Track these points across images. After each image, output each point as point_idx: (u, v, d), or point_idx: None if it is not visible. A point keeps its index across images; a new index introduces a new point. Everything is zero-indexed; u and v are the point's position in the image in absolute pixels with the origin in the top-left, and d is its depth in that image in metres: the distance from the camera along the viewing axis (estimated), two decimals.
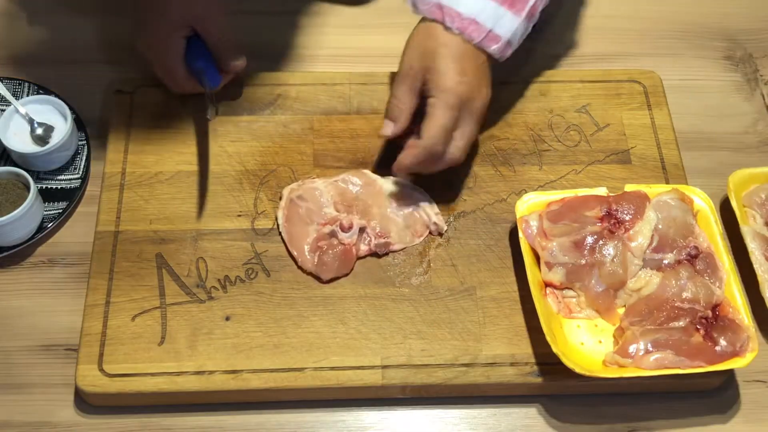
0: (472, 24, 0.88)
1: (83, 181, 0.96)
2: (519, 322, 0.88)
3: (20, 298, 0.90)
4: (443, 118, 0.87)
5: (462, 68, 0.88)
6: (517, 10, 0.89)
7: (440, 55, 0.88)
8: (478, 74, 0.89)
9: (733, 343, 0.83)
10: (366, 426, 0.85)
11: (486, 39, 0.89)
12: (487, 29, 0.88)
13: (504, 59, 0.92)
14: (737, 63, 1.12)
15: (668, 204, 0.91)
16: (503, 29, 0.89)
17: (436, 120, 0.87)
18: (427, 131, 0.87)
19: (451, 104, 0.87)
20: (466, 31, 0.88)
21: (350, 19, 1.14)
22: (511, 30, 0.90)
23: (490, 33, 0.89)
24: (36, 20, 1.11)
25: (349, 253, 0.90)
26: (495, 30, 0.89)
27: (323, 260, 0.89)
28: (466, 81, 0.88)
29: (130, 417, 0.84)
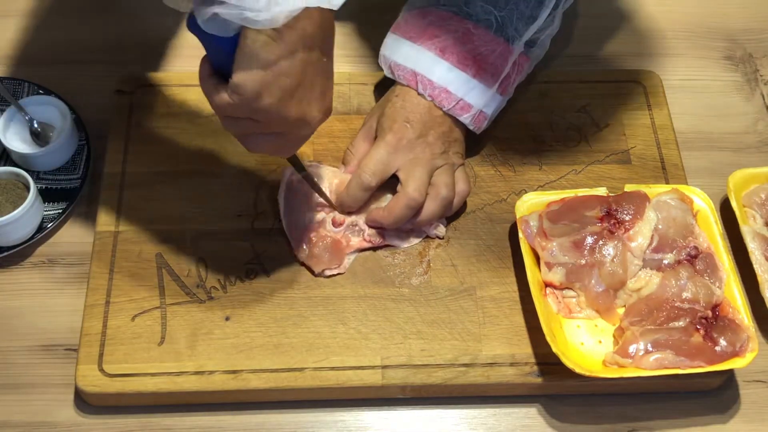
0: (443, 92, 0.91)
1: (83, 181, 0.96)
2: (519, 322, 0.88)
3: (20, 298, 0.90)
4: (375, 153, 0.90)
5: (407, 115, 0.91)
6: (487, 83, 0.91)
7: (391, 103, 0.92)
8: (429, 125, 0.91)
9: (733, 343, 0.83)
10: (366, 426, 0.85)
11: (456, 107, 0.91)
12: (458, 98, 0.91)
13: (480, 130, 0.94)
14: (737, 63, 1.12)
15: (668, 204, 0.91)
16: (474, 99, 0.91)
17: (369, 154, 0.91)
18: (360, 164, 0.91)
19: (387, 141, 0.90)
20: (437, 99, 0.91)
21: (350, 19, 1.14)
22: (481, 100, 0.92)
23: (460, 101, 0.91)
24: (36, 20, 1.11)
25: (338, 244, 0.90)
26: (466, 99, 0.91)
27: (313, 252, 0.89)
28: (408, 126, 0.90)
29: (130, 417, 0.84)
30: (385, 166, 0.90)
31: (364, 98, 1.02)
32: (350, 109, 1.02)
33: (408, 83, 0.92)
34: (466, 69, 0.90)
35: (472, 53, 0.90)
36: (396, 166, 0.90)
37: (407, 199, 0.89)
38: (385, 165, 0.90)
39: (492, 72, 0.91)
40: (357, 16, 1.13)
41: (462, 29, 0.91)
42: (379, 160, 0.90)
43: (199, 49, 0.76)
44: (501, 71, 0.92)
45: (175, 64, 1.08)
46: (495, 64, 0.91)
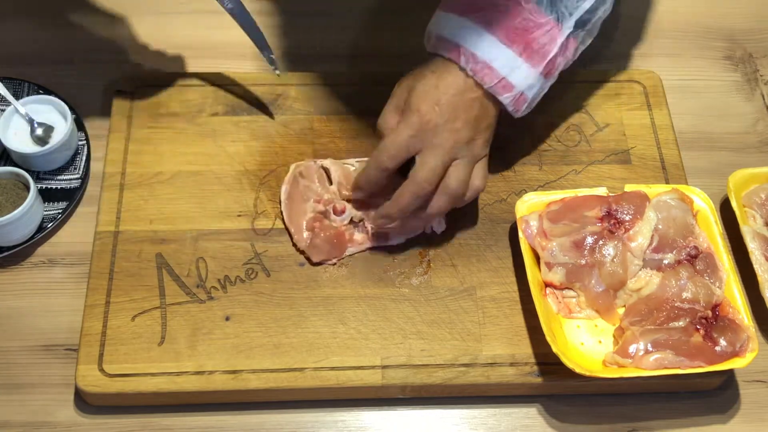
0: (486, 68, 0.85)
1: (83, 181, 0.96)
2: (519, 322, 0.88)
3: (20, 298, 0.90)
4: (398, 136, 0.86)
5: (438, 97, 0.86)
6: (533, 62, 0.86)
7: (425, 79, 0.87)
8: (458, 108, 0.86)
9: (733, 343, 0.83)
10: (366, 426, 0.85)
11: (498, 85, 0.86)
12: (501, 76, 0.86)
13: (519, 114, 0.90)
14: (737, 63, 1.12)
15: (668, 204, 0.91)
16: (518, 79, 0.86)
17: (391, 136, 0.86)
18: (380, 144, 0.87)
19: (411, 124, 0.85)
20: (479, 74, 0.85)
21: (351, 19, 1.14)
22: (525, 82, 0.87)
23: (503, 80, 0.86)
24: (36, 20, 1.11)
25: (341, 236, 0.90)
26: (509, 78, 0.86)
27: (314, 242, 0.90)
28: (437, 110, 0.85)
29: (130, 417, 0.84)
30: (405, 150, 0.86)
31: (364, 98, 1.02)
32: (350, 109, 1.02)
33: (450, 56, 0.86)
34: (512, 45, 0.85)
35: (520, 29, 0.85)
36: (416, 150, 0.86)
37: (415, 186, 0.85)
38: (405, 149, 0.85)
39: (540, 52, 0.86)
40: (360, 18, 1.13)
41: (511, 3, 0.85)
42: (399, 144, 0.85)
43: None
44: (549, 51, 0.86)
45: (175, 64, 1.08)
46: (543, 44, 0.86)
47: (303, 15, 1.13)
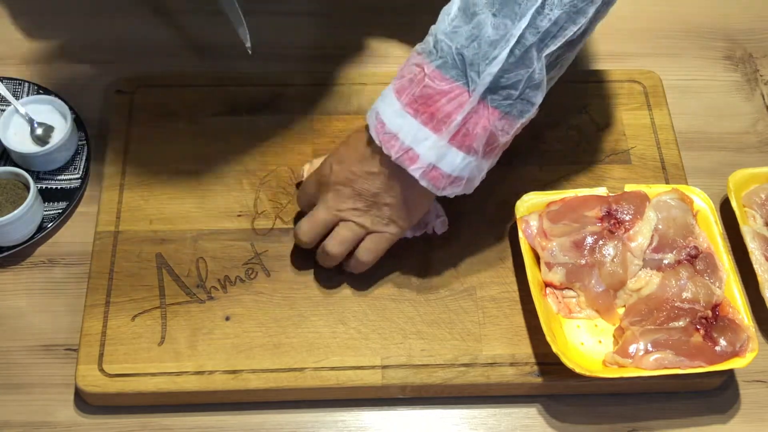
0: (392, 138, 0.80)
1: (83, 181, 0.96)
2: (519, 322, 0.88)
3: (20, 298, 0.90)
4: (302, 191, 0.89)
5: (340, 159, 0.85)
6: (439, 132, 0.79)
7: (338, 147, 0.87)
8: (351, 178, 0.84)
9: (733, 343, 0.83)
10: (366, 426, 0.85)
11: (404, 157, 0.80)
12: (407, 147, 0.80)
13: (442, 192, 0.82)
14: (737, 63, 1.12)
15: (668, 204, 0.91)
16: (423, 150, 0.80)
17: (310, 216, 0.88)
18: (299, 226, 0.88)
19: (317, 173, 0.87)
20: (386, 145, 0.81)
21: (351, 19, 1.14)
22: (434, 154, 0.79)
23: (409, 151, 0.80)
24: (36, 20, 1.11)
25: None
26: (416, 149, 0.80)
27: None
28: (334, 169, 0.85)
29: (130, 417, 0.84)
30: (309, 199, 0.88)
31: (364, 98, 1.02)
32: (350, 109, 1.02)
33: (368, 122, 0.83)
34: (414, 113, 0.79)
35: (422, 95, 0.79)
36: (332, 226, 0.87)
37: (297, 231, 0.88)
38: (309, 198, 0.88)
39: (441, 118, 0.78)
40: (357, 18, 1.13)
41: (417, 68, 0.80)
42: (304, 192, 0.89)
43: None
44: (452, 117, 0.78)
45: (174, 64, 1.08)
46: (445, 110, 0.78)
47: (303, 15, 1.13)
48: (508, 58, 0.76)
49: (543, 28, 0.76)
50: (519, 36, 0.76)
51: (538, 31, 0.76)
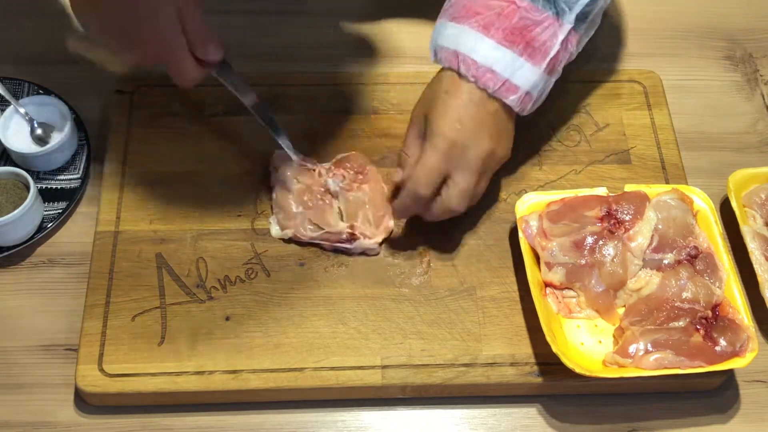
0: (488, 72, 0.85)
1: (83, 181, 0.96)
2: (519, 322, 0.88)
3: (20, 298, 0.90)
4: (427, 161, 0.85)
5: (459, 115, 0.85)
6: (535, 61, 0.85)
7: (441, 100, 0.86)
8: (481, 123, 0.86)
9: (733, 343, 0.83)
10: (366, 426, 0.85)
11: (502, 89, 0.85)
12: (504, 78, 0.85)
13: (526, 112, 0.89)
14: (737, 63, 1.12)
15: (668, 204, 0.91)
16: (521, 80, 0.85)
17: (421, 162, 0.86)
18: (412, 173, 0.86)
19: (438, 148, 0.85)
20: (481, 80, 0.85)
21: (351, 18, 1.14)
22: (529, 81, 0.86)
23: (506, 82, 0.85)
24: (36, 20, 1.11)
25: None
26: (512, 80, 0.85)
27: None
28: (460, 128, 0.85)
29: (130, 417, 0.84)
30: (437, 176, 0.85)
31: (364, 98, 1.02)
32: (350, 109, 1.02)
33: (450, 65, 0.86)
34: (512, 46, 0.84)
35: (518, 29, 0.84)
36: (447, 173, 0.86)
37: (444, 210, 0.87)
38: (436, 174, 0.85)
39: (541, 49, 0.85)
40: (358, 17, 1.13)
41: (506, 3, 0.84)
42: (430, 170, 0.85)
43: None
44: (550, 48, 0.85)
45: None
46: (544, 41, 0.85)
47: (303, 14, 1.13)
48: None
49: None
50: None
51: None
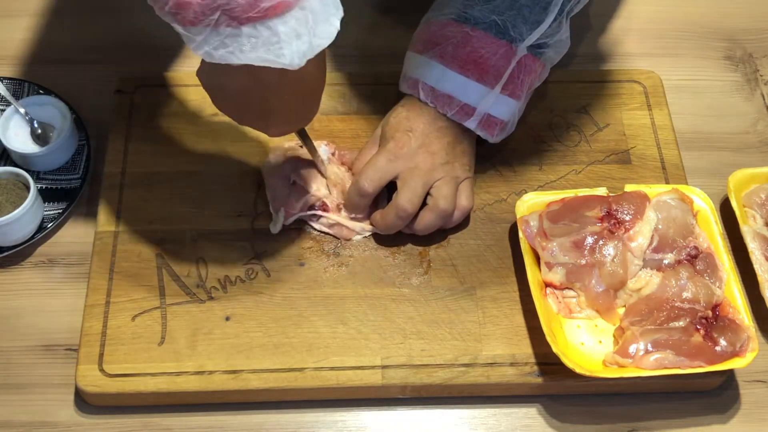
0: (444, 98, 0.90)
1: (83, 181, 0.96)
2: (519, 322, 0.88)
3: (20, 298, 0.90)
4: (376, 161, 0.90)
5: (412, 125, 0.91)
6: (489, 84, 0.90)
7: (398, 116, 0.92)
8: (433, 135, 0.90)
9: (733, 343, 0.83)
10: (366, 426, 0.85)
11: (460, 112, 0.90)
12: (461, 102, 0.90)
13: (494, 138, 0.93)
14: (737, 63, 1.12)
15: (668, 204, 0.91)
16: (477, 102, 0.90)
17: (370, 161, 0.91)
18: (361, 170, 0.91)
19: (388, 149, 0.90)
20: (439, 105, 0.90)
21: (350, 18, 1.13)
22: (486, 103, 0.90)
23: (464, 106, 0.90)
24: (36, 20, 1.11)
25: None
26: (470, 103, 0.90)
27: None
28: (410, 135, 0.90)
29: (130, 417, 0.84)
30: (383, 174, 0.90)
31: (364, 98, 1.02)
32: (350, 109, 1.02)
33: (412, 92, 0.92)
34: (466, 72, 0.89)
35: (471, 56, 0.89)
36: (395, 174, 0.90)
37: (397, 208, 0.89)
38: (383, 172, 0.90)
39: (493, 73, 0.90)
40: (357, 18, 1.13)
41: (461, 33, 0.90)
42: (377, 168, 0.90)
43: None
44: (503, 71, 0.90)
45: (174, 64, 1.08)
46: (496, 65, 0.89)
47: None
48: (551, 23, 0.89)
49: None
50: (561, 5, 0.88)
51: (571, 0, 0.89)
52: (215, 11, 0.68)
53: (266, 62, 0.70)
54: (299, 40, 0.71)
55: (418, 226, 0.90)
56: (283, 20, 0.69)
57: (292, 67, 0.71)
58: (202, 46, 0.70)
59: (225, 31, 0.69)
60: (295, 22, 0.70)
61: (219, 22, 0.68)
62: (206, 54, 0.71)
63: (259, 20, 0.69)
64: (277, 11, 0.69)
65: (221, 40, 0.69)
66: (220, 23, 0.68)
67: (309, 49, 0.72)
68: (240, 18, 0.68)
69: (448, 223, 0.91)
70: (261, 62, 0.70)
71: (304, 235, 0.92)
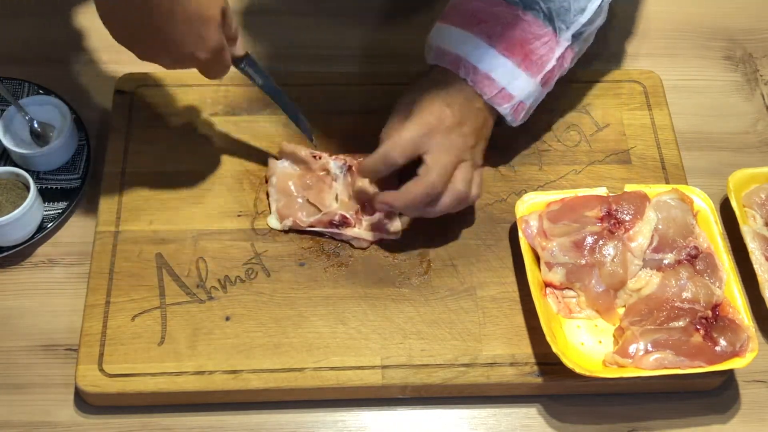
0: (486, 79, 0.88)
1: (83, 181, 0.96)
2: (519, 322, 0.88)
3: (20, 298, 0.90)
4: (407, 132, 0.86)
5: (449, 101, 0.87)
6: (532, 73, 0.89)
7: (432, 89, 0.88)
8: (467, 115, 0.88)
9: (733, 343, 0.83)
10: (366, 426, 0.85)
11: (498, 96, 0.89)
12: (501, 86, 0.89)
13: (517, 122, 0.93)
14: (737, 63, 1.12)
15: (668, 204, 0.91)
16: (517, 89, 0.89)
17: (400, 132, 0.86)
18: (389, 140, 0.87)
19: (422, 121, 0.86)
20: (479, 85, 0.88)
21: (351, 18, 1.14)
22: (524, 91, 0.90)
23: (503, 90, 0.89)
24: (36, 20, 1.11)
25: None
26: (508, 89, 0.89)
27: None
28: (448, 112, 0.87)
29: (130, 417, 0.84)
30: (416, 147, 0.86)
31: (364, 98, 1.02)
32: (350, 109, 1.02)
33: (451, 67, 0.89)
34: (511, 56, 0.88)
35: (519, 40, 0.88)
36: (424, 150, 0.86)
37: (429, 185, 0.85)
38: (416, 146, 0.86)
39: (538, 62, 0.89)
40: (357, 18, 1.13)
41: (510, 15, 0.88)
42: (411, 140, 0.86)
43: None
44: (546, 62, 0.89)
45: None
46: (541, 55, 0.89)
47: (303, 14, 1.13)
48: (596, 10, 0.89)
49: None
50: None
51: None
52: None
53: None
54: None
55: (439, 208, 0.87)
56: None
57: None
58: None
59: None
60: None
61: None
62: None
63: None
64: None
65: None
66: None
67: None
68: None
69: (460, 206, 0.89)
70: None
71: (304, 235, 0.92)
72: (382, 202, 0.88)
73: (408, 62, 0.98)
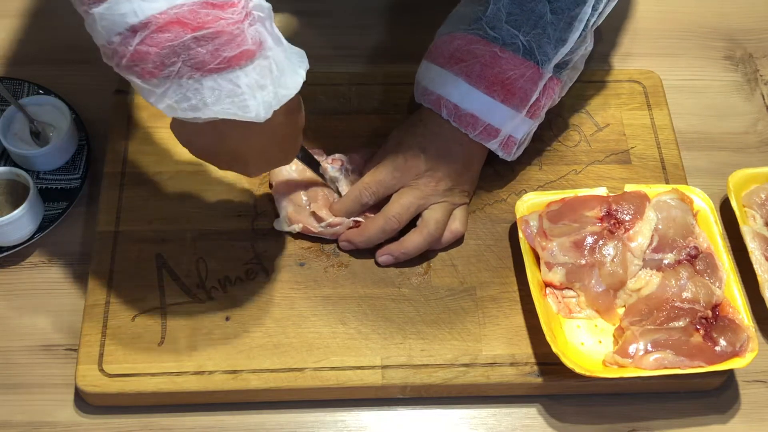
0: (468, 117, 0.89)
1: (83, 181, 0.96)
2: (519, 322, 0.88)
3: (20, 298, 0.90)
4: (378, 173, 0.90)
5: (426, 145, 0.90)
6: (515, 106, 0.89)
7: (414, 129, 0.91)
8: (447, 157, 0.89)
9: (733, 343, 0.83)
10: (366, 426, 0.85)
11: (483, 133, 0.90)
12: (485, 123, 0.89)
13: (512, 157, 0.93)
14: (737, 63, 1.12)
15: (668, 204, 0.91)
16: (501, 123, 0.89)
17: (372, 172, 0.90)
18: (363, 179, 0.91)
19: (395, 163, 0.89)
20: (463, 125, 0.89)
21: (351, 18, 1.14)
22: (510, 125, 0.90)
23: (487, 126, 0.89)
24: (36, 20, 1.11)
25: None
26: (493, 124, 0.89)
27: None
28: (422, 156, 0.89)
29: (130, 417, 0.84)
30: (386, 188, 0.90)
31: (364, 98, 1.02)
32: (350, 109, 1.02)
33: (433, 108, 0.90)
34: (493, 94, 0.88)
35: (499, 77, 0.88)
36: (395, 189, 0.90)
37: (383, 220, 0.89)
38: (385, 187, 0.90)
39: (521, 96, 0.88)
40: (356, 17, 1.13)
41: (489, 53, 0.88)
42: (380, 181, 0.90)
43: None
44: (530, 95, 0.89)
45: None
46: (524, 88, 0.88)
47: (304, 14, 1.13)
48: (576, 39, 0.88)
49: (600, 8, 0.87)
50: (586, 20, 0.87)
51: (597, 11, 0.87)
52: (175, 62, 0.66)
53: (231, 115, 0.69)
54: (263, 91, 0.69)
55: (407, 247, 0.89)
56: (245, 71, 0.68)
57: (258, 119, 0.69)
58: (162, 99, 0.68)
59: (186, 84, 0.67)
60: (258, 73, 0.69)
61: (180, 73, 0.67)
62: (169, 108, 0.69)
63: (220, 71, 0.67)
64: (239, 61, 0.67)
65: (183, 93, 0.67)
66: (182, 74, 0.67)
67: (275, 100, 0.70)
68: (201, 69, 0.66)
69: (437, 245, 0.91)
70: (226, 115, 0.68)
71: (304, 235, 0.92)
72: (344, 239, 0.91)
73: (408, 62, 0.98)
